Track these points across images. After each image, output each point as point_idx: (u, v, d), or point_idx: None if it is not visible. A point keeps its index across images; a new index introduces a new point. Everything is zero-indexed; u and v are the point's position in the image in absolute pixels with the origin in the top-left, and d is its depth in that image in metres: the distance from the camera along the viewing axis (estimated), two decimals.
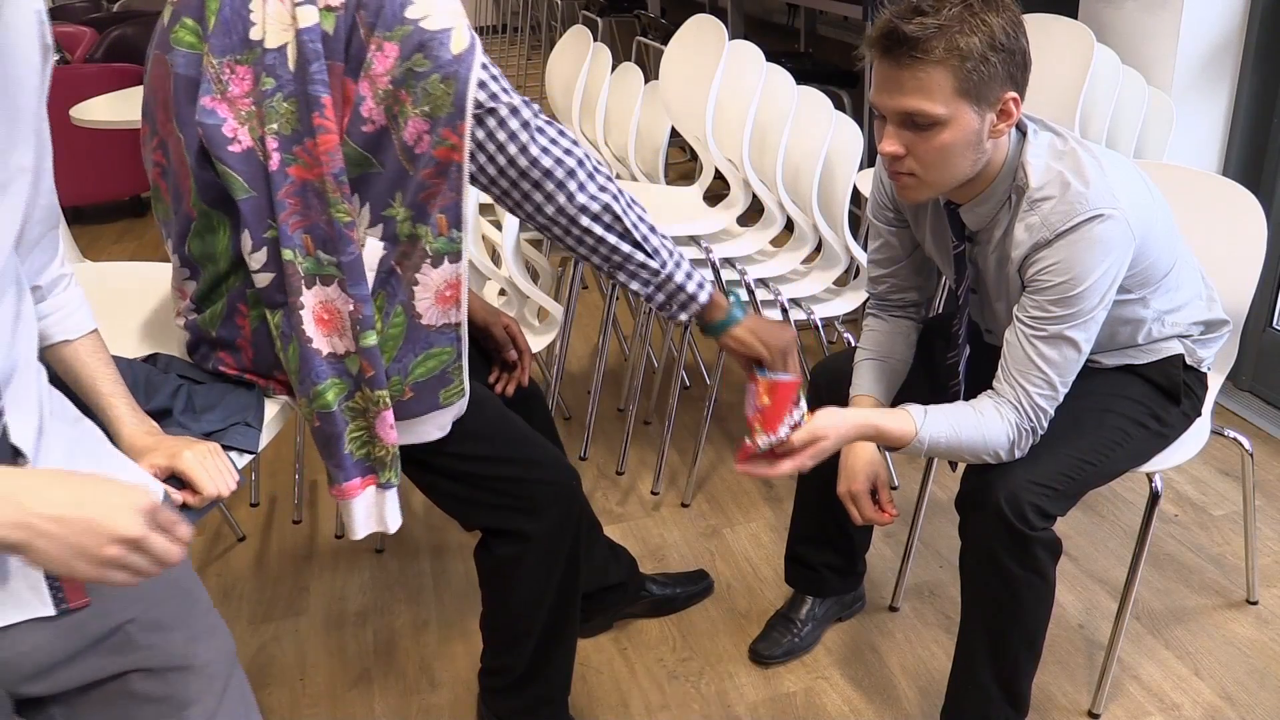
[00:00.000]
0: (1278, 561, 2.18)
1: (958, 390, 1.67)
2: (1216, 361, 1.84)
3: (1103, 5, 2.74)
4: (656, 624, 2.09)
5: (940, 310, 2.57)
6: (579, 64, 3.11)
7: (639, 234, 1.40)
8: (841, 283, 2.52)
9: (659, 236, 1.43)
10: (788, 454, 1.41)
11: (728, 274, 2.40)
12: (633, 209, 1.41)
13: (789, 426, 1.38)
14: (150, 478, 1.14)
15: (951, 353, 1.67)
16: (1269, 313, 2.70)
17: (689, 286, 1.44)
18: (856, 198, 2.77)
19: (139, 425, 1.19)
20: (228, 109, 1.27)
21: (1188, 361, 1.66)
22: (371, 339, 1.32)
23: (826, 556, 1.96)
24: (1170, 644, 1.98)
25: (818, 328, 2.45)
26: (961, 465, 1.64)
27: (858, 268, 2.48)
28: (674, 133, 2.86)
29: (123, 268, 1.86)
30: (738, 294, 1.47)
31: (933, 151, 1.40)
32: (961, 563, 1.60)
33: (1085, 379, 1.54)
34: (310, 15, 1.24)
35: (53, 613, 0.95)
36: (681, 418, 2.78)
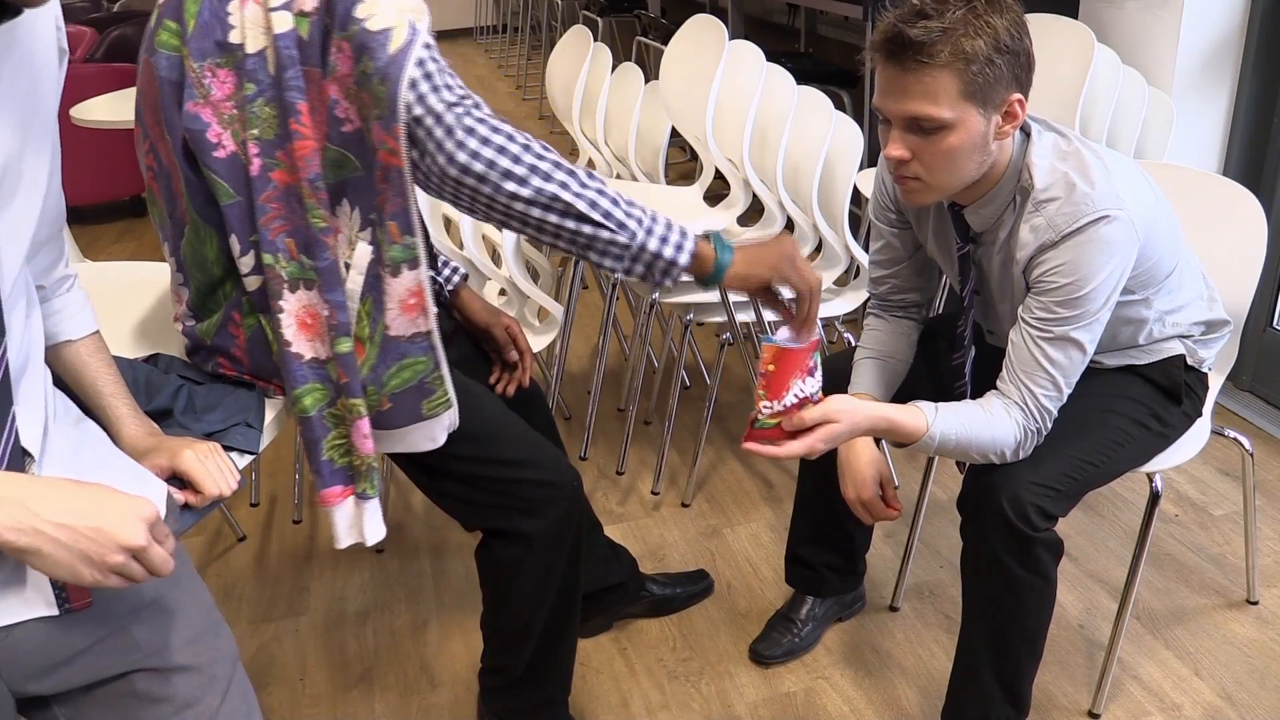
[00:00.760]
0: (1278, 561, 2.18)
1: (963, 391, 1.67)
2: (1217, 362, 1.84)
3: (1103, 5, 2.74)
4: (656, 624, 2.09)
5: (940, 311, 2.57)
6: (579, 64, 3.11)
7: (598, 213, 1.31)
8: (841, 283, 2.52)
9: (625, 207, 1.33)
10: (797, 434, 1.37)
11: None
12: (588, 189, 1.31)
13: (795, 395, 1.33)
14: (154, 477, 1.14)
15: (956, 354, 1.67)
16: (1269, 313, 2.70)
17: (666, 252, 1.34)
18: (856, 198, 2.77)
19: (140, 426, 1.20)
20: (211, 114, 1.26)
21: (1189, 362, 1.66)
22: (345, 345, 1.31)
23: (826, 557, 1.96)
24: (1170, 644, 1.98)
25: None
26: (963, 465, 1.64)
27: (858, 268, 2.48)
28: (674, 133, 2.86)
29: (123, 268, 1.86)
30: (717, 234, 1.38)
31: (938, 155, 1.39)
32: (963, 563, 1.60)
33: (1087, 379, 1.54)
34: (285, 21, 1.24)
35: (56, 612, 0.96)
36: (681, 418, 2.78)
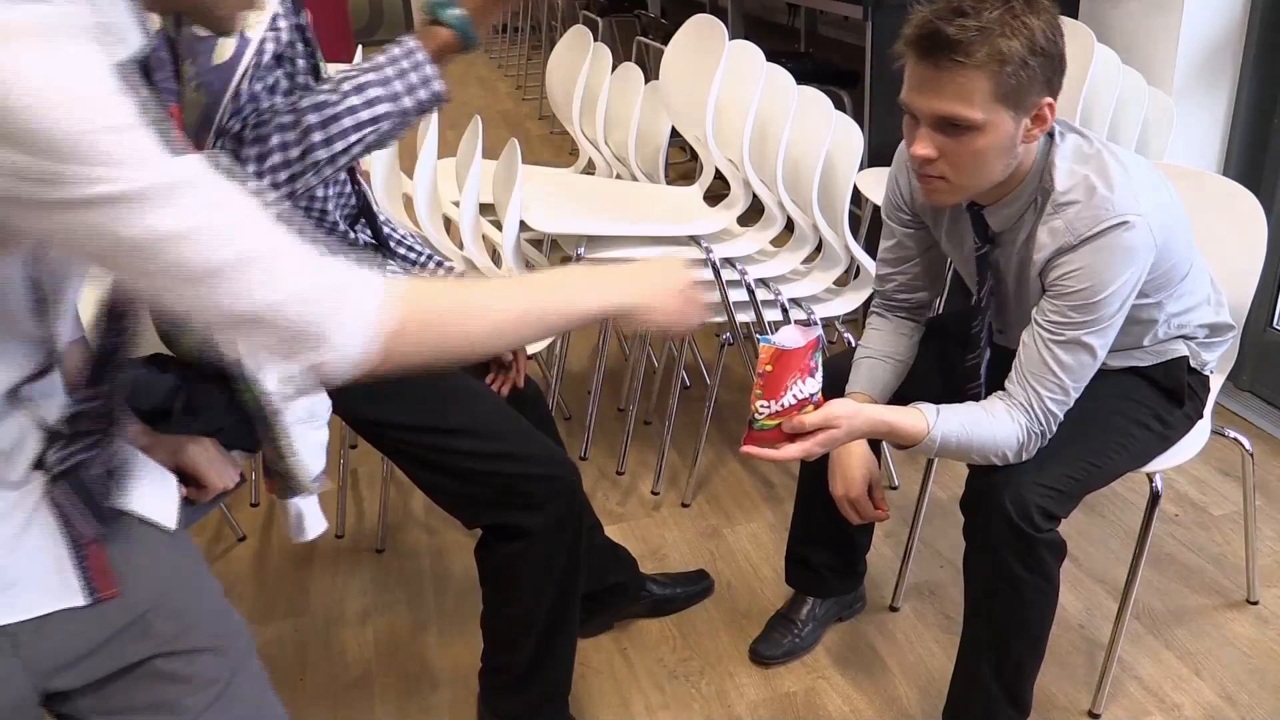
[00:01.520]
0: (1278, 561, 2.18)
1: (977, 392, 1.65)
2: (1218, 362, 1.84)
3: (1103, 5, 2.74)
4: (656, 624, 2.08)
5: (940, 311, 2.56)
6: (579, 64, 3.10)
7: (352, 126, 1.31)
8: (842, 283, 2.52)
9: (362, 96, 1.30)
10: (796, 437, 1.36)
11: (728, 274, 2.40)
12: (338, 121, 1.30)
13: (794, 396, 1.32)
14: (164, 469, 1.15)
15: (972, 354, 1.65)
16: (1269, 313, 2.70)
17: (424, 96, 1.33)
18: (857, 198, 2.76)
19: (134, 423, 1.20)
20: None
21: (1191, 364, 1.66)
22: None
23: (827, 557, 1.96)
24: (1170, 644, 1.98)
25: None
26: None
27: (858, 268, 2.48)
28: (674, 133, 2.85)
29: None
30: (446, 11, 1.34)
31: (967, 156, 1.38)
32: (966, 564, 1.60)
33: (1090, 380, 1.54)
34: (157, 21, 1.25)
35: (84, 603, 0.96)
36: (681, 418, 2.78)
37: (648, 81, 2.93)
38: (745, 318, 2.44)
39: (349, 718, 1.89)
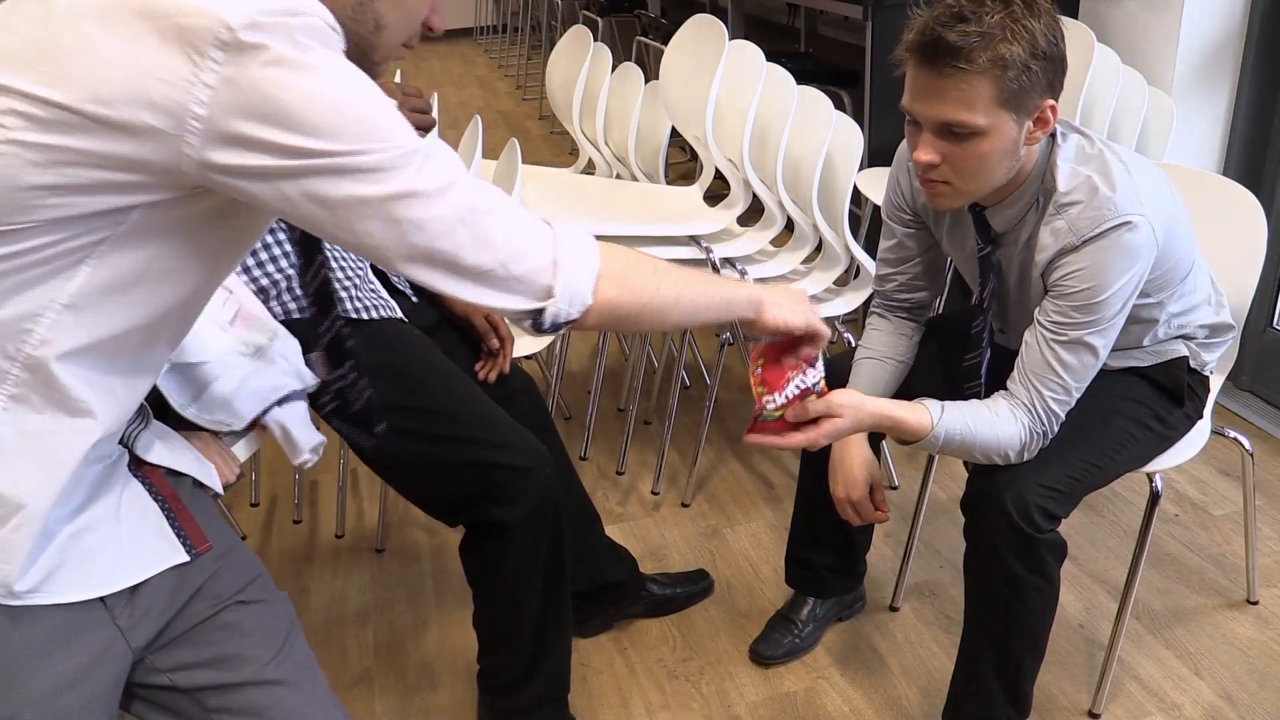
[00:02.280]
0: (1278, 561, 2.18)
1: (976, 392, 1.65)
2: (1218, 362, 1.84)
3: (1103, 5, 2.74)
4: (656, 624, 2.09)
5: (940, 311, 2.57)
6: (579, 64, 3.11)
7: None
8: (841, 283, 2.52)
9: None
10: (800, 426, 1.36)
11: (728, 274, 2.40)
12: None
13: (796, 387, 1.32)
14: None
15: (971, 354, 1.66)
16: (1269, 313, 2.70)
17: None
18: (857, 198, 2.77)
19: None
20: None
21: (1191, 364, 1.66)
22: None
23: (827, 557, 1.96)
24: (1170, 644, 1.98)
25: None
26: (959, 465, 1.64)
27: (858, 268, 2.48)
28: (674, 133, 2.85)
29: None
30: None
31: (970, 161, 1.38)
32: (966, 564, 1.60)
33: (1090, 380, 1.54)
34: None
35: (186, 558, 1.04)
36: (681, 418, 2.78)
37: (648, 81, 2.93)
38: None
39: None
